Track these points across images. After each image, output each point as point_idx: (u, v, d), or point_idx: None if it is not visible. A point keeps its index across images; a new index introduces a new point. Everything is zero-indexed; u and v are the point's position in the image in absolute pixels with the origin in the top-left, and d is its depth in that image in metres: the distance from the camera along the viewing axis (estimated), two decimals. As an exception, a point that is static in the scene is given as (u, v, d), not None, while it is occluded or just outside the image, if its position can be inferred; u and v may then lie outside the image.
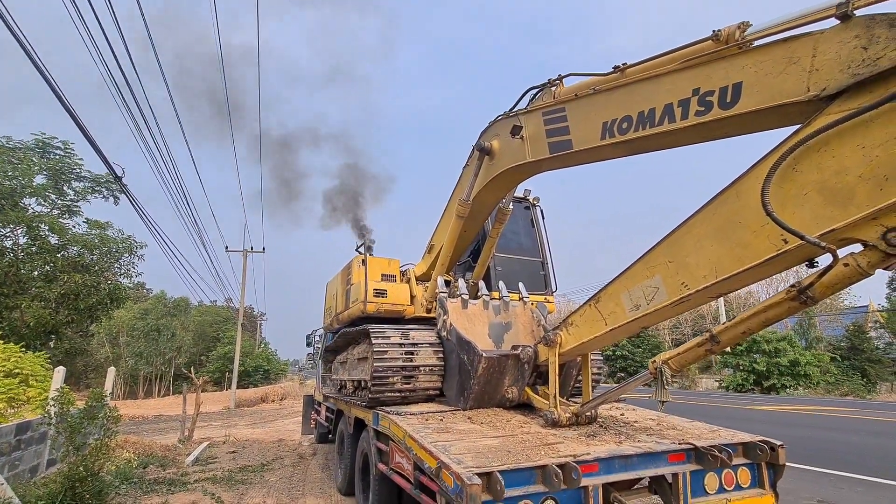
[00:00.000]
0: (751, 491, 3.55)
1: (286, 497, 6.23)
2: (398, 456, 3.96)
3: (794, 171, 2.24)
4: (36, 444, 6.74)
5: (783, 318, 2.77)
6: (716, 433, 3.83)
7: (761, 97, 2.36)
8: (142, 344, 40.47)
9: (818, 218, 2.14)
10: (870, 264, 2.11)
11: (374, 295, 5.96)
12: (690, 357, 3.22)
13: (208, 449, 10.01)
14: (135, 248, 19.81)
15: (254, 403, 25.81)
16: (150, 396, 38.92)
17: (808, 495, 6.02)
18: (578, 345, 3.75)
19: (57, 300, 16.74)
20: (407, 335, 4.83)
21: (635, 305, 3.14)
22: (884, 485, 6.48)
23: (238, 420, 17.28)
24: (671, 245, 2.87)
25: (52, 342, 18.49)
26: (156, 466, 7.73)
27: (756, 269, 2.41)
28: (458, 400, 4.48)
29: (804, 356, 28.41)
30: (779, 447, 3.56)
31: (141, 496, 6.09)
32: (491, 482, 2.62)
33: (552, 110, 3.70)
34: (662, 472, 3.27)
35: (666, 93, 2.83)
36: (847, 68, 2.05)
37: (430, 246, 6.15)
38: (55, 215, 17.32)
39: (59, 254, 17.23)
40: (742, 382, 29.69)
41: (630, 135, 3.03)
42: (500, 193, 4.92)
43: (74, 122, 6.40)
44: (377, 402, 4.67)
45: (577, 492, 2.88)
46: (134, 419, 18.18)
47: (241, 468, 7.93)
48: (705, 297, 2.81)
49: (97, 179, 17.98)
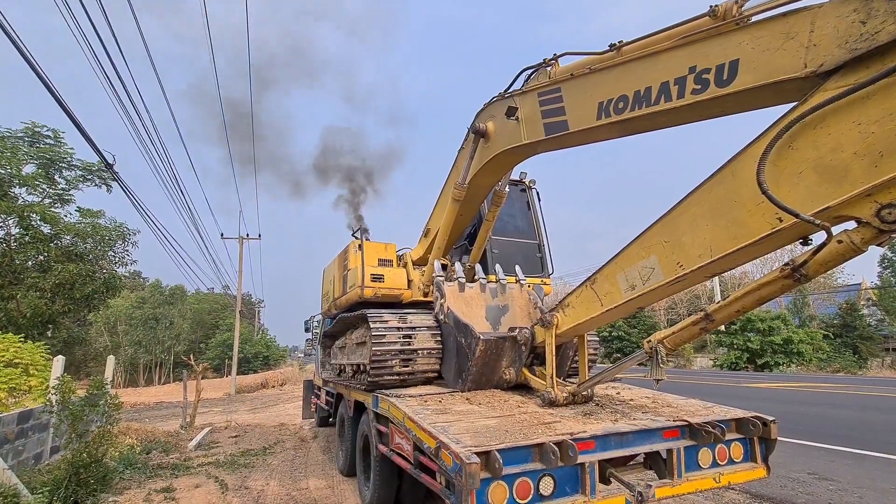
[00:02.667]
0: (743, 465, 3.64)
1: (289, 479, 6.33)
2: (398, 437, 4.02)
3: (790, 149, 2.24)
4: (39, 433, 6.80)
5: (777, 295, 2.79)
6: (710, 410, 3.90)
7: (758, 74, 2.33)
8: (140, 332, 40.60)
9: (813, 196, 2.14)
10: (863, 241, 2.12)
11: (372, 280, 5.97)
12: (685, 336, 3.25)
13: (210, 434, 10.13)
14: (128, 235, 19.70)
15: (254, 389, 26.05)
16: (151, 384, 39.19)
17: (799, 468, 6.18)
18: (575, 326, 3.79)
19: (52, 290, 16.69)
20: (405, 319, 4.86)
21: (631, 286, 3.16)
22: (872, 457, 6.65)
23: (239, 406, 17.46)
24: (667, 225, 2.88)
25: (50, 332, 18.50)
26: (159, 452, 7.83)
27: (751, 247, 2.42)
28: (457, 382, 4.53)
29: (797, 334, 28.84)
30: (771, 422, 3.63)
31: (145, 481, 6.18)
32: (489, 461, 2.67)
33: (547, 91, 3.65)
34: (657, 448, 3.33)
35: (662, 71, 2.79)
36: (845, 43, 2.02)
37: (427, 230, 6.14)
38: (47, 204, 17.14)
39: (52, 243, 17.11)
40: (736, 361, 30.15)
41: (626, 114, 3.00)
42: (496, 176, 4.90)
43: (61, 107, 6.28)
44: (376, 385, 4.72)
45: (573, 469, 2.94)
46: (135, 406, 18.34)
47: (243, 452, 8.03)
48: (700, 276, 2.83)
49: (89, 167, 17.75)
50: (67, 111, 6.39)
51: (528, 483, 2.79)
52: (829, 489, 5.35)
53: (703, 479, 3.41)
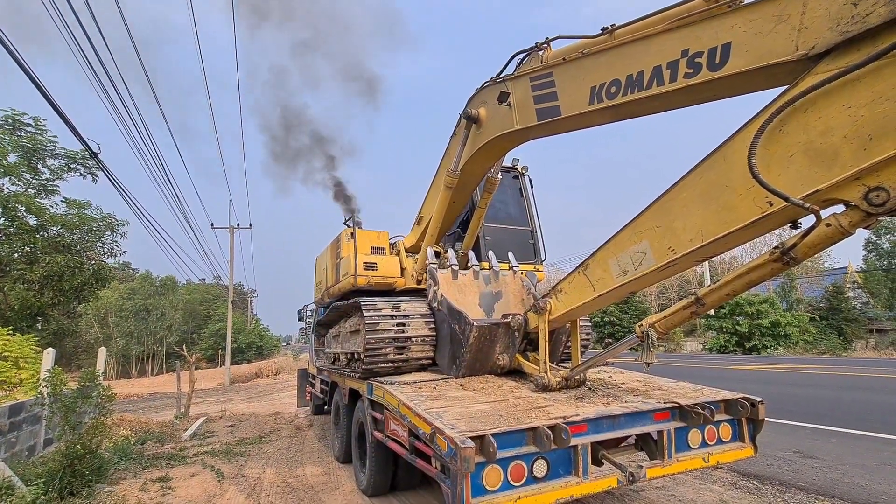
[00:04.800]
0: (731, 444, 3.73)
1: (285, 466, 6.38)
2: (393, 424, 4.05)
3: (781, 132, 2.24)
4: (31, 425, 6.76)
5: (767, 279, 2.83)
6: (699, 392, 3.98)
7: (750, 57, 2.33)
8: (131, 324, 40.30)
9: (803, 179, 2.16)
10: (851, 224, 2.15)
11: (365, 268, 5.95)
12: (677, 320, 3.29)
13: (205, 424, 10.14)
14: (116, 226, 19.43)
15: (248, 379, 26.09)
16: (144, 375, 39.06)
17: (786, 447, 6.34)
18: (567, 311, 3.81)
19: (40, 281, 16.46)
20: (398, 307, 4.87)
21: (623, 271, 3.18)
22: (856, 435, 6.83)
23: (233, 395, 17.48)
24: (658, 210, 2.89)
25: (39, 324, 18.29)
26: (154, 442, 7.83)
27: (741, 231, 2.44)
28: (451, 368, 4.56)
29: (784, 317, 29.40)
30: (759, 403, 3.71)
31: (141, 471, 6.19)
32: (484, 445, 2.71)
33: (540, 75, 3.62)
34: (648, 430, 3.40)
35: (655, 55, 2.78)
36: (836, 25, 2.02)
37: (419, 217, 6.11)
38: (31, 195, 16.80)
39: (38, 234, 16.82)
40: (725, 344, 30.72)
41: (618, 99, 2.99)
42: (488, 163, 4.88)
43: (41, 93, 6.12)
44: (371, 373, 4.74)
45: (566, 451, 2.99)
46: (129, 398, 18.29)
47: (239, 441, 8.06)
48: (691, 261, 2.85)
49: (73, 156, 17.40)
50: (48, 97, 6.23)
51: (522, 466, 2.83)
52: (813, 467, 5.50)
53: (693, 460, 3.49)
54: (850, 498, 4.54)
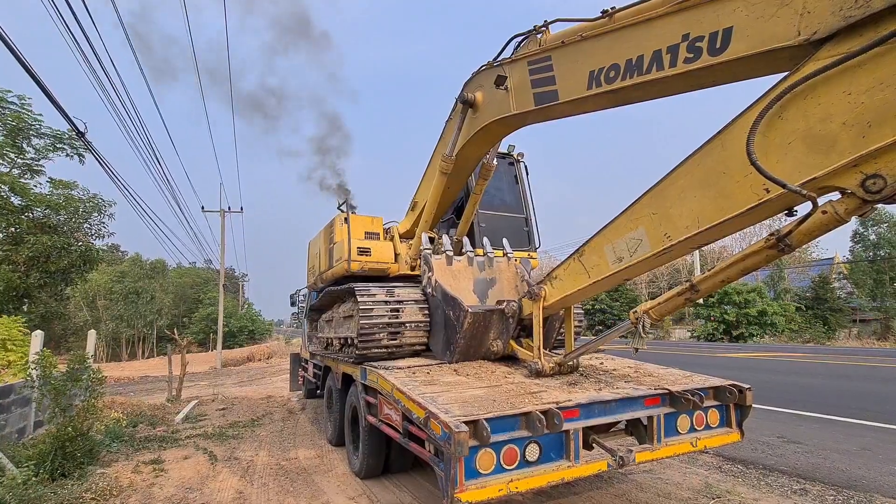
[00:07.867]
0: (719, 430, 3.80)
1: (278, 449, 6.41)
2: (387, 408, 4.07)
3: (780, 119, 2.23)
4: (20, 408, 6.71)
5: (761, 266, 2.85)
6: (689, 378, 4.03)
7: (751, 42, 2.30)
8: (121, 307, 39.99)
9: (801, 166, 2.15)
10: (847, 211, 2.15)
11: (358, 253, 5.91)
12: (670, 306, 3.31)
13: (197, 407, 10.14)
14: (103, 207, 19.12)
15: (240, 363, 26.05)
16: (134, 359, 38.91)
17: (770, 432, 6.49)
18: (562, 298, 3.82)
19: (26, 263, 16.21)
20: (392, 293, 4.85)
21: (618, 258, 3.18)
22: (837, 421, 7.01)
23: (225, 379, 17.47)
24: (655, 196, 2.88)
25: (26, 306, 18.04)
26: (145, 425, 7.82)
27: (738, 218, 2.44)
28: (445, 354, 4.58)
29: (771, 306, 29.92)
30: (746, 390, 3.78)
31: (133, 453, 6.19)
32: (477, 429, 2.73)
33: (538, 59, 3.56)
34: (639, 415, 3.45)
35: (655, 38, 2.74)
36: (839, 10, 2.00)
37: (414, 203, 6.07)
38: (15, 175, 16.42)
39: (23, 215, 16.50)
40: (713, 332, 31.24)
41: (617, 84, 2.95)
42: (484, 148, 4.83)
43: (25, 69, 5.92)
44: (364, 358, 4.74)
45: (558, 436, 3.03)
46: (119, 381, 18.20)
47: (231, 424, 8.08)
48: (686, 247, 2.86)
49: (59, 136, 16.97)
50: (32, 73, 6.04)
51: (515, 450, 2.86)
52: (796, 451, 5.64)
53: (681, 444, 3.55)
54: (830, 481, 4.67)
